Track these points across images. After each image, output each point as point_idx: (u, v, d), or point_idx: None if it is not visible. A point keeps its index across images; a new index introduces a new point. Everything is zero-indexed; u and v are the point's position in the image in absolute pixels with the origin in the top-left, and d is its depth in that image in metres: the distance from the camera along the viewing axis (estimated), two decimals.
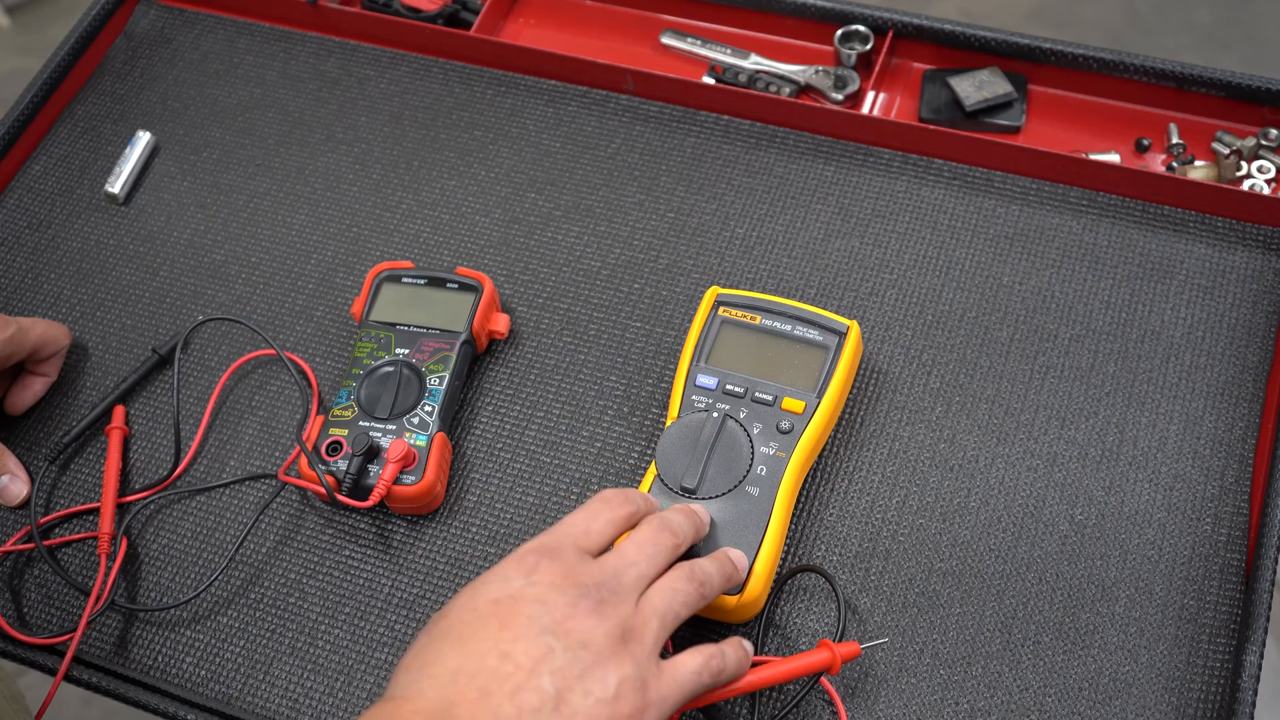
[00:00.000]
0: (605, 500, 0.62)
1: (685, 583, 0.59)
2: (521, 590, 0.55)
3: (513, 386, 0.78)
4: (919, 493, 0.71)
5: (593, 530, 0.60)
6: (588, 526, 0.60)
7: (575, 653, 0.54)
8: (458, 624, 0.55)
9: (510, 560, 0.57)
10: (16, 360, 0.77)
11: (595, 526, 0.60)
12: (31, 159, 0.91)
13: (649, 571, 0.59)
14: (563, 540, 0.59)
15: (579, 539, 0.59)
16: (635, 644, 0.56)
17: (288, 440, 0.77)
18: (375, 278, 0.78)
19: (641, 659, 0.55)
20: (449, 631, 0.55)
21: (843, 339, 0.71)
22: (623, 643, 0.55)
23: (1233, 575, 0.67)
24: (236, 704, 0.69)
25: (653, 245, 0.82)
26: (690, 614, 0.59)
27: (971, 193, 0.82)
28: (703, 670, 0.57)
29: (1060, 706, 0.65)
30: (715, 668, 0.58)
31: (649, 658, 0.56)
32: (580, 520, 0.60)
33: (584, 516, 0.61)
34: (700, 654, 0.58)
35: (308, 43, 0.94)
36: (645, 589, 0.58)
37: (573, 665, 0.53)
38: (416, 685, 0.53)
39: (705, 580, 0.60)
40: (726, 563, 0.63)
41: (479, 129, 0.89)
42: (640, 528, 0.61)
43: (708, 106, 0.87)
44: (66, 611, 0.73)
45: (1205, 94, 0.83)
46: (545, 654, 0.53)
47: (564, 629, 0.54)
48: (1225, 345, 0.75)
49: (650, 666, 0.56)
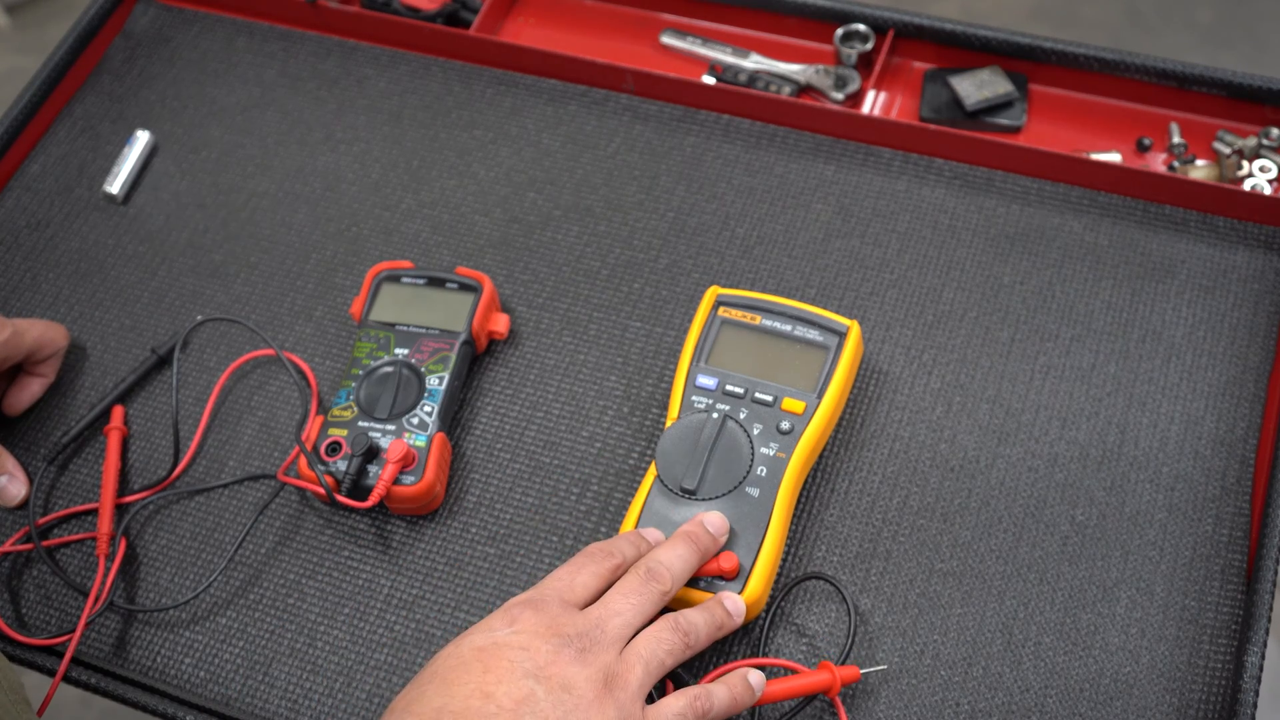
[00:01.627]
0: (589, 555, 0.63)
1: (670, 633, 0.60)
2: (506, 639, 0.57)
3: (513, 386, 0.77)
4: (919, 493, 0.71)
5: (577, 584, 0.61)
6: (572, 580, 0.61)
7: (558, 695, 0.55)
8: (443, 669, 0.56)
9: (495, 613, 0.59)
10: (14, 362, 0.77)
11: (579, 580, 0.61)
12: (30, 159, 0.91)
13: (634, 621, 0.60)
14: (547, 594, 0.60)
15: (563, 592, 0.60)
16: (619, 689, 0.57)
17: (287, 440, 0.76)
18: (375, 277, 0.78)
19: (625, 703, 0.56)
20: (434, 676, 0.56)
21: (843, 339, 0.71)
22: (606, 688, 0.56)
23: (1234, 576, 0.67)
24: (235, 705, 0.69)
25: (653, 245, 0.82)
26: (676, 664, 0.60)
27: (972, 192, 0.82)
28: (686, 711, 0.58)
29: (1061, 707, 0.65)
30: (700, 709, 0.59)
31: (633, 701, 0.57)
32: (565, 574, 0.61)
33: (568, 571, 0.62)
34: (685, 696, 0.59)
35: (307, 42, 0.94)
36: (630, 638, 0.59)
37: (555, 708, 0.54)
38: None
39: (690, 630, 0.61)
40: (718, 611, 0.63)
41: (479, 128, 0.88)
42: (627, 577, 0.62)
43: (708, 106, 0.87)
44: (65, 612, 0.72)
45: (1206, 93, 0.83)
46: (527, 696, 0.54)
47: (546, 674, 0.55)
48: (1226, 345, 0.75)
49: (634, 710, 0.56)
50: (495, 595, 0.70)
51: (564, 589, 0.60)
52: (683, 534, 0.64)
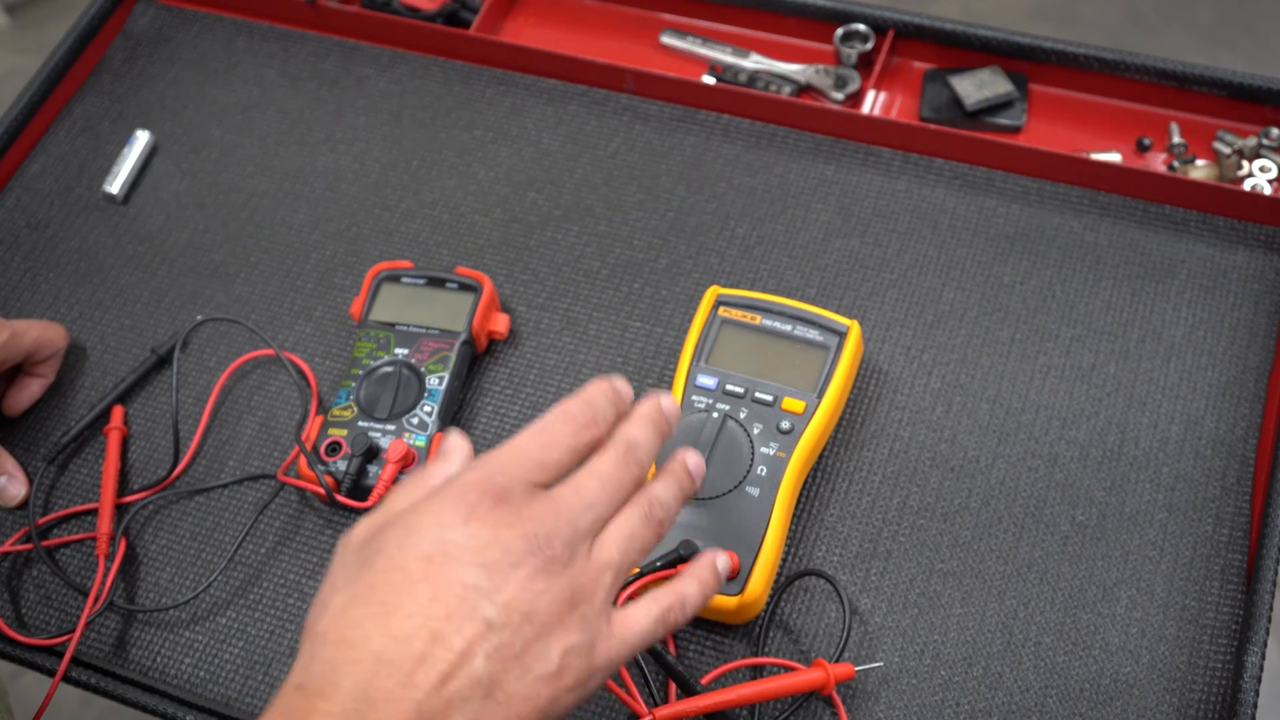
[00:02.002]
0: (566, 419, 0.52)
1: (643, 526, 0.52)
2: (460, 546, 0.47)
3: (512, 386, 0.77)
4: (920, 493, 0.71)
5: (549, 462, 0.51)
6: (544, 458, 0.51)
7: (516, 628, 0.47)
8: (383, 584, 0.47)
9: (449, 498, 0.49)
10: (13, 363, 0.76)
11: (552, 457, 0.51)
12: (30, 159, 0.91)
13: (607, 515, 0.51)
14: (513, 474, 0.50)
15: (531, 472, 0.50)
16: (585, 604, 0.49)
17: (287, 440, 0.76)
18: (374, 277, 0.78)
19: (590, 620, 0.49)
20: (372, 594, 0.47)
21: (843, 339, 0.71)
22: (571, 606, 0.48)
23: (1234, 576, 0.67)
24: (235, 705, 0.69)
25: (653, 245, 0.82)
26: (644, 558, 0.53)
27: (972, 192, 0.82)
28: (657, 626, 0.52)
29: (1061, 707, 0.65)
30: (673, 621, 0.52)
31: (599, 616, 0.49)
32: (534, 449, 0.51)
33: (539, 444, 0.51)
34: (656, 604, 0.52)
35: (307, 42, 0.94)
36: (599, 532, 0.51)
37: (512, 642, 0.47)
38: (332, 671, 0.46)
39: (665, 517, 0.53)
40: (683, 478, 0.55)
41: (478, 128, 0.88)
42: (604, 455, 0.52)
43: (708, 106, 0.87)
44: (65, 612, 0.72)
45: (1206, 93, 0.83)
46: (480, 634, 0.46)
47: (505, 600, 0.47)
48: (1227, 345, 0.75)
49: (600, 626, 0.49)
50: None
51: (533, 468, 0.50)
52: (643, 414, 0.54)
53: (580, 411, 0.52)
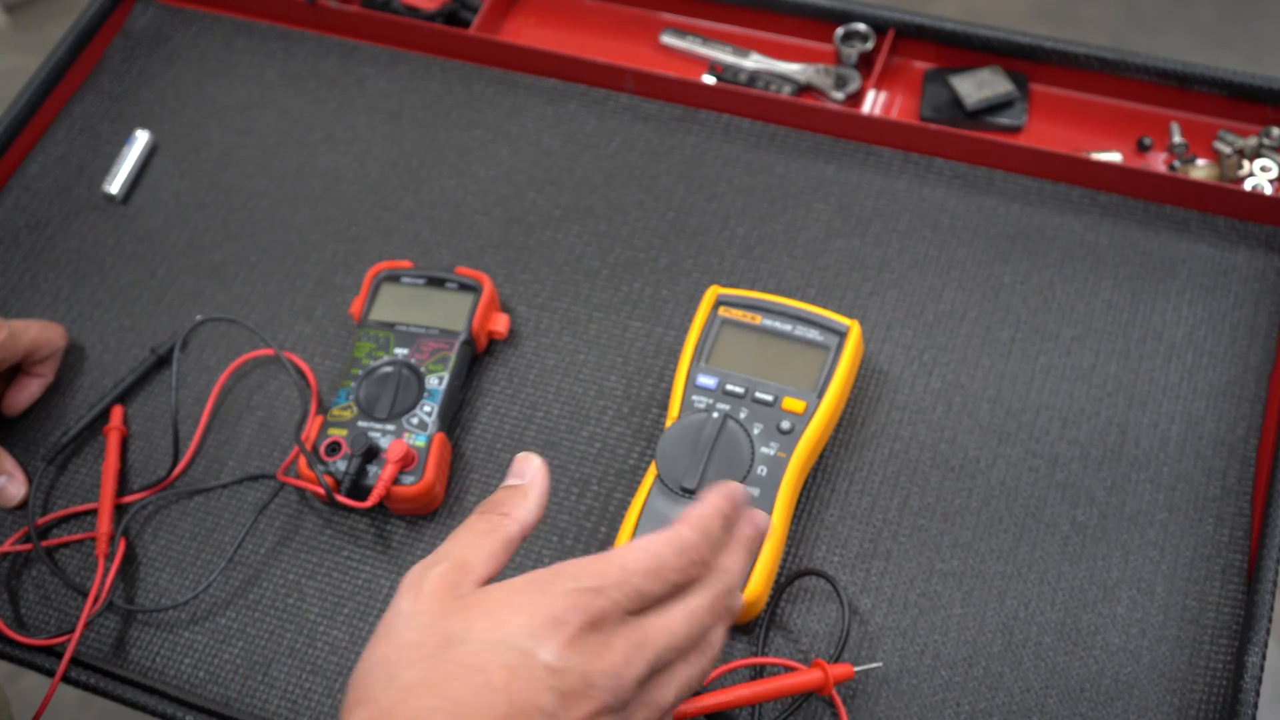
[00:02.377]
0: (682, 550, 0.49)
1: (700, 677, 0.50)
2: (545, 666, 0.45)
3: (513, 386, 0.77)
4: (920, 493, 0.71)
5: (649, 595, 0.48)
6: (646, 589, 0.48)
7: None
8: (461, 682, 0.45)
9: (545, 605, 0.47)
10: (12, 363, 0.76)
11: (655, 590, 0.49)
12: (29, 158, 0.91)
13: (684, 655, 0.49)
14: (613, 599, 0.47)
15: (631, 601, 0.48)
16: None
17: (286, 440, 0.76)
18: (374, 277, 0.78)
19: None
20: (448, 687, 0.45)
21: (843, 339, 0.71)
22: None
23: (1235, 576, 0.67)
24: (235, 705, 0.69)
25: (653, 245, 0.82)
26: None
27: (973, 192, 0.82)
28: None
29: (1062, 708, 0.64)
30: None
31: None
32: (640, 577, 0.48)
33: (646, 571, 0.48)
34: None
35: (306, 42, 0.94)
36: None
37: None
38: None
39: (716, 659, 0.51)
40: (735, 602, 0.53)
41: (478, 128, 0.88)
42: (702, 593, 0.50)
43: (708, 106, 0.87)
44: (64, 612, 0.72)
45: (1207, 93, 0.83)
46: None
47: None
48: (1227, 345, 0.74)
49: None
50: None
51: (634, 598, 0.48)
52: (750, 544, 0.54)
53: (695, 545, 0.50)
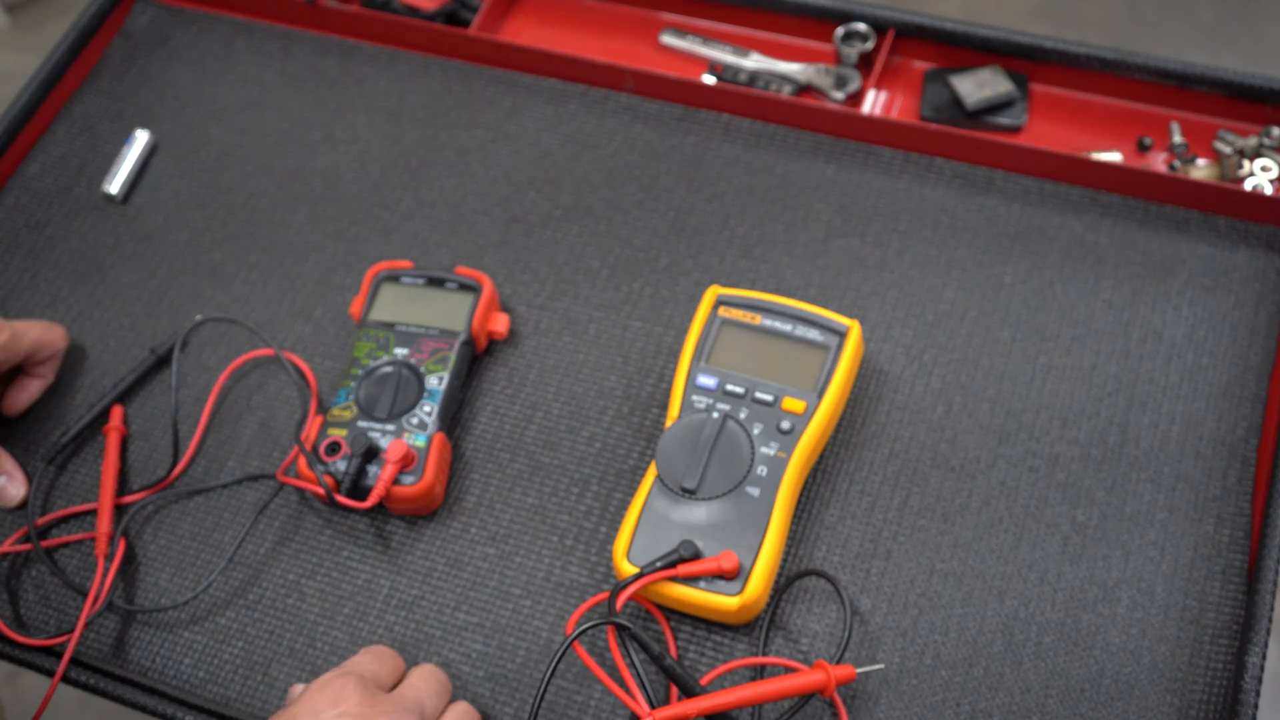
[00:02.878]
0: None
1: None
2: None
3: (512, 386, 0.77)
4: (920, 493, 0.71)
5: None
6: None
7: None
8: None
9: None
10: (12, 364, 0.76)
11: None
12: (29, 158, 0.91)
13: None
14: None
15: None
16: None
17: (286, 441, 0.76)
18: (374, 277, 0.78)
19: None
20: None
21: (843, 339, 0.71)
22: None
23: (1235, 576, 0.67)
24: (235, 706, 0.69)
25: (653, 245, 0.82)
26: None
27: (973, 192, 0.82)
28: None
29: (1062, 708, 0.64)
30: None
31: None
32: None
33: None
34: None
35: (306, 41, 0.94)
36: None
37: None
38: None
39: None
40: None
41: (478, 128, 0.88)
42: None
43: (708, 106, 0.87)
44: (64, 612, 0.72)
45: (1207, 93, 0.83)
46: None
47: None
48: (1227, 345, 0.74)
49: None
50: (495, 595, 0.70)
51: None
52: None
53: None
